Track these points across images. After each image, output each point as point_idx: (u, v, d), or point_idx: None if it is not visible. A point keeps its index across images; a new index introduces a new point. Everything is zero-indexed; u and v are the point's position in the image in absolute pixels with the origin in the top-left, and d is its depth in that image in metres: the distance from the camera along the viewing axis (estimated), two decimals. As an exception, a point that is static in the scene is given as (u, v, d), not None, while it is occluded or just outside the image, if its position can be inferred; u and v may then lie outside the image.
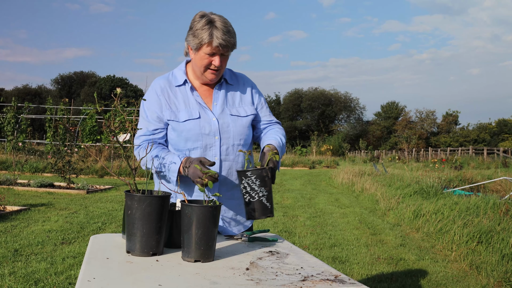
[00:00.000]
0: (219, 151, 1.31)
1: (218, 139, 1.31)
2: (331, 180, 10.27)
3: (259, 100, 1.42)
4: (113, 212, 4.94)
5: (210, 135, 1.31)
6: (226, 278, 0.86)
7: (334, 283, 0.85)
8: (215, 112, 1.33)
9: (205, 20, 1.24)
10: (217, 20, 1.24)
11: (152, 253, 1.00)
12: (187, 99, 1.33)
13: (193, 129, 1.29)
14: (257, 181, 1.12)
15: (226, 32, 1.23)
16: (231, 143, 1.33)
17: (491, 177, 8.03)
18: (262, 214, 1.13)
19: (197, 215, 0.97)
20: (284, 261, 1.02)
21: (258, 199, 1.13)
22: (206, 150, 1.31)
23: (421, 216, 4.54)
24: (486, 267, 2.88)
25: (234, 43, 1.26)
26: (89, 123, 13.16)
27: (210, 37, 1.22)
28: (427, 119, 44.55)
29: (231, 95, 1.37)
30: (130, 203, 0.99)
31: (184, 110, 1.31)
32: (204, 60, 1.27)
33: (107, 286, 0.79)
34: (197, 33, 1.24)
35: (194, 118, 1.30)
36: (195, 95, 1.34)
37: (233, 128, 1.33)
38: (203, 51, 1.25)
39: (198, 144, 1.30)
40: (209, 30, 1.22)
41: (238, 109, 1.36)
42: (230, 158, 1.32)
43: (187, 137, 1.30)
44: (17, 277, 2.52)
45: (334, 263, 3.11)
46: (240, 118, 1.35)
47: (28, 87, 43.78)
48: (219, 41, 1.22)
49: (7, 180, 6.95)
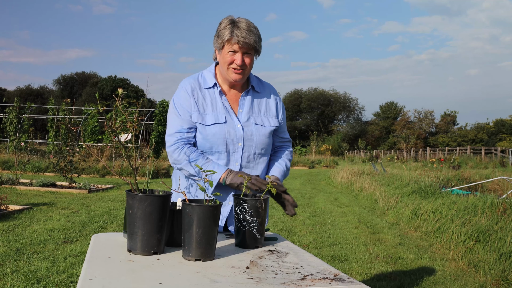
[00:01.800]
0: (241, 158, 1.34)
1: (241, 146, 1.33)
2: (330, 180, 10.29)
3: (283, 116, 1.45)
4: (115, 211, 4.95)
5: (234, 141, 1.33)
6: (227, 277, 0.87)
7: (334, 281, 0.85)
8: (240, 118, 1.35)
9: (228, 21, 1.29)
10: (241, 21, 1.29)
11: (153, 252, 1.01)
12: (215, 102, 1.34)
13: (218, 133, 1.31)
14: (250, 211, 1.11)
15: (247, 31, 1.27)
16: (253, 151, 1.35)
17: (488, 177, 8.06)
18: (250, 245, 1.12)
19: (198, 215, 0.98)
20: (284, 260, 1.02)
21: (248, 229, 1.12)
22: (229, 155, 1.33)
23: (419, 215, 4.56)
24: (483, 266, 2.90)
25: (254, 41, 1.28)
26: (90, 123, 13.17)
27: (230, 34, 1.26)
28: (425, 119, 44.64)
29: (257, 103, 1.39)
30: (131, 203, 1.00)
31: (211, 113, 1.33)
32: (226, 58, 1.29)
33: (109, 284, 0.80)
34: (220, 33, 1.29)
35: (221, 122, 1.32)
36: (223, 99, 1.35)
37: (257, 137, 1.35)
38: (226, 50, 1.29)
39: (221, 148, 1.32)
40: (231, 29, 1.27)
41: (263, 119, 1.38)
42: (250, 165, 1.36)
43: (212, 140, 1.32)
44: (19, 275, 2.53)
45: (333, 262, 3.12)
46: (263, 127, 1.37)
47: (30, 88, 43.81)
48: (239, 38, 1.25)
49: (9, 180, 6.96)
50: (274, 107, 1.42)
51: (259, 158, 1.37)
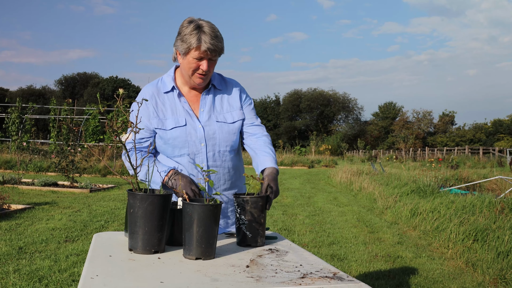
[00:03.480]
0: (206, 158, 1.33)
1: (204, 146, 1.32)
2: (329, 179, 10.30)
3: (248, 104, 1.41)
4: (116, 211, 4.95)
5: (196, 142, 1.31)
6: (227, 275, 0.87)
7: (333, 280, 0.86)
8: (201, 119, 1.33)
9: (193, 26, 1.25)
10: (205, 26, 1.25)
11: (154, 251, 1.01)
12: (174, 106, 1.33)
13: (179, 137, 1.31)
14: (249, 210, 1.12)
15: (214, 37, 1.24)
16: (218, 150, 1.34)
17: (486, 176, 8.08)
18: (250, 244, 1.12)
19: (198, 214, 0.98)
20: (284, 258, 1.03)
21: (238, 226, 1.14)
22: (193, 157, 1.32)
23: (418, 215, 4.58)
24: (481, 265, 2.91)
25: (221, 47, 1.27)
26: (92, 123, 13.17)
27: (198, 42, 1.23)
28: (424, 119, 44.72)
29: (218, 101, 1.37)
30: (132, 202, 1.00)
31: (171, 117, 1.32)
32: (192, 64, 1.28)
33: (110, 283, 0.80)
34: (186, 38, 1.25)
35: (181, 125, 1.31)
36: (183, 102, 1.34)
37: (219, 135, 1.34)
38: (191, 56, 1.26)
39: (184, 151, 1.31)
40: (198, 35, 1.23)
41: (226, 115, 1.36)
42: (218, 164, 1.34)
43: (174, 144, 1.31)
44: (21, 274, 2.54)
45: (333, 261, 3.13)
46: (226, 124, 1.35)
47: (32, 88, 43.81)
48: (207, 45, 1.23)
49: (11, 179, 6.97)
50: (237, 100, 1.39)
51: (227, 156, 1.35)
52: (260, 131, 1.41)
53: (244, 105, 1.41)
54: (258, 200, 1.13)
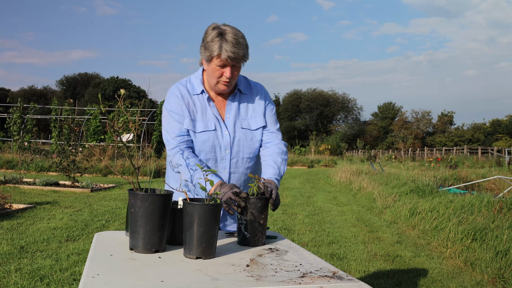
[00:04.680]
0: (229, 164, 1.34)
1: (229, 153, 1.33)
2: (329, 179, 10.31)
3: (270, 111, 1.40)
4: (117, 210, 4.96)
5: (222, 148, 1.32)
6: (227, 275, 0.88)
7: (332, 279, 0.86)
8: (228, 125, 1.34)
9: (216, 32, 1.25)
10: (228, 32, 1.24)
11: (155, 250, 1.02)
12: (204, 109, 1.34)
13: (207, 141, 1.31)
14: (251, 210, 1.13)
15: (236, 44, 1.24)
16: (241, 157, 1.35)
17: (485, 176, 8.10)
18: (251, 243, 1.13)
19: (199, 213, 0.99)
20: (284, 258, 1.03)
21: (238, 226, 1.15)
22: (217, 162, 1.33)
23: (417, 214, 4.59)
24: (480, 264, 2.93)
25: (243, 55, 1.26)
26: (93, 123, 13.19)
27: (219, 50, 1.23)
28: (423, 119, 44.77)
29: (243, 106, 1.38)
30: (133, 201, 1.01)
31: (201, 120, 1.32)
32: (215, 72, 1.28)
33: (111, 282, 0.81)
34: (208, 46, 1.26)
35: (210, 130, 1.32)
36: (211, 106, 1.34)
37: (244, 142, 1.35)
38: (214, 63, 1.27)
39: (210, 155, 1.32)
40: (219, 43, 1.23)
41: (250, 121, 1.37)
42: (239, 170, 1.36)
43: (200, 148, 1.32)
44: (23, 273, 2.55)
45: (332, 260, 3.14)
46: (250, 131, 1.36)
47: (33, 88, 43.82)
48: (228, 53, 1.23)
49: (13, 179, 6.98)
50: (261, 105, 1.39)
51: (248, 163, 1.36)
52: (273, 139, 1.39)
53: (267, 111, 1.41)
54: (257, 201, 1.14)
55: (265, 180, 1.26)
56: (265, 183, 1.22)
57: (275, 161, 1.34)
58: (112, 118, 2.40)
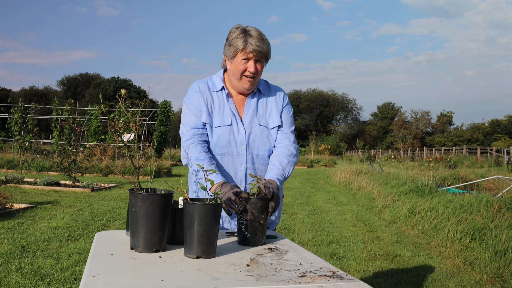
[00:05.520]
0: (245, 160, 1.36)
1: (245, 149, 1.36)
2: (329, 179, 10.33)
3: (287, 112, 1.43)
4: (117, 210, 4.97)
5: (237, 144, 1.35)
6: (227, 274, 0.88)
7: (332, 278, 0.87)
8: (245, 121, 1.37)
9: (240, 30, 1.31)
10: (251, 30, 1.31)
11: (155, 250, 1.02)
12: (222, 105, 1.38)
13: (223, 136, 1.34)
14: (251, 210, 1.13)
15: (260, 39, 1.30)
16: (256, 153, 1.38)
17: (484, 176, 8.12)
18: (241, 241, 1.14)
19: (199, 213, 0.99)
20: (284, 257, 1.04)
21: (238, 226, 1.16)
22: (233, 157, 1.35)
23: (416, 214, 4.60)
24: (479, 263, 2.94)
25: (267, 50, 1.32)
26: (94, 123, 13.20)
27: (244, 43, 1.29)
28: (422, 119, 44.81)
29: (262, 105, 1.41)
30: (134, 201, 1.01)
31: (218, 115, 1.36)
32: (239, 66, 1.32)
33: (112, 281, 0.81)
34: (233, 42, 1.31)
35: (226, 125, 1.35)
36: (230, 103, 1.38)
37: (260, 139, 1.37)
38: (239, 58, 1.31)
39: (226, 150, 1.35)
40: (244, 38, 1.29)
41: (267, 119, 1.40)
42: (256, 166, 1.38)
43: (216, 143, 1.35)
44: (24, 272, 2.55)
45: (332, 259, 3.15)
46: (267, 129, 1.39)
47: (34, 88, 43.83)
48: (253, 47, 1.28)
49: (14, 179, 7.00)
50: (279, 105, 1.43)
51: (264, 160, 1.39)
52: (284, 140, 1.41)
53: (283, 112, 1.44)
54: (258, 201, 1.14)
55: (266, 180, 1.27)
56: (266, 183, 1.22)
57: (281, 161, 1.37)
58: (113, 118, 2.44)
